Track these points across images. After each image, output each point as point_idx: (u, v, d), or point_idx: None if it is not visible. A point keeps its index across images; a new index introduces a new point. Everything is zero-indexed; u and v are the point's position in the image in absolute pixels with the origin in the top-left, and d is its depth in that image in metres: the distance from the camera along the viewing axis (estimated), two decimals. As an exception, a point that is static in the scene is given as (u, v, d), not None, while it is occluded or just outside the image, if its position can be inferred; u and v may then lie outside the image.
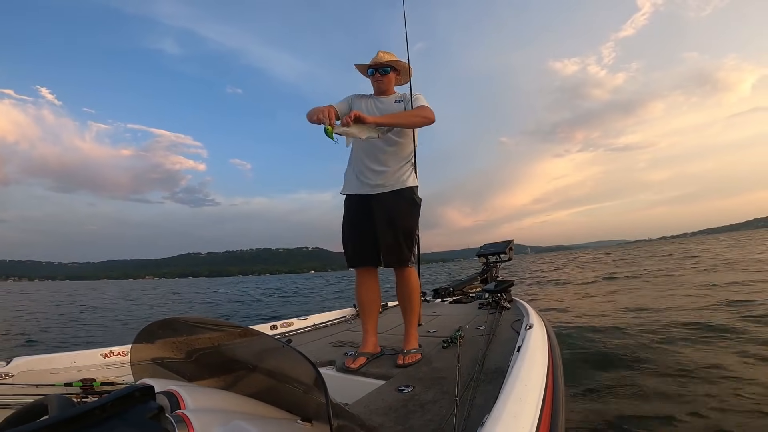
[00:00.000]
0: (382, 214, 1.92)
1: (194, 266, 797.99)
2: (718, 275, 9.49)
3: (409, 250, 1.95)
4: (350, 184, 2.04)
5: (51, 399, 0.58)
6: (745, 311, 5.01)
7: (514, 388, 0.94)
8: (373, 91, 2.11)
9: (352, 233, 2.01)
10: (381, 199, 1.94)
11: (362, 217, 1.97)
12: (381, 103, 2.04)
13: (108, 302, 18.76)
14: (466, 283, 4.98)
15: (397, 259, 1.93)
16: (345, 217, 2.06)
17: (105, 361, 1.86)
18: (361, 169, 1.98)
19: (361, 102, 2.06)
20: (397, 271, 1.98)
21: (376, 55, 2.04)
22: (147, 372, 0.99)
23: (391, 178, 1.95)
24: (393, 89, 2.11)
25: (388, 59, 2.03)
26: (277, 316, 8.67)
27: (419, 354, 1.84)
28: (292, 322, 2.93)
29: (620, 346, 3.88)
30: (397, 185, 1.96)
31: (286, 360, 0.72)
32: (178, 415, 0.59)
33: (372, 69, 2.03)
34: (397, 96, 2.06)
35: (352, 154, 2.08)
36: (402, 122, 1.88)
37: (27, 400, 0.90)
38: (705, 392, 2.63)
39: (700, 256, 18.80)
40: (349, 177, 2.07)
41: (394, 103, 2.02)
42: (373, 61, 2.03)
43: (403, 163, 1.99)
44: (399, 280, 2.00)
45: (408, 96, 2.01)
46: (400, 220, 1.92)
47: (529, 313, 2.28)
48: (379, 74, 2.02)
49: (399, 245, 1.91)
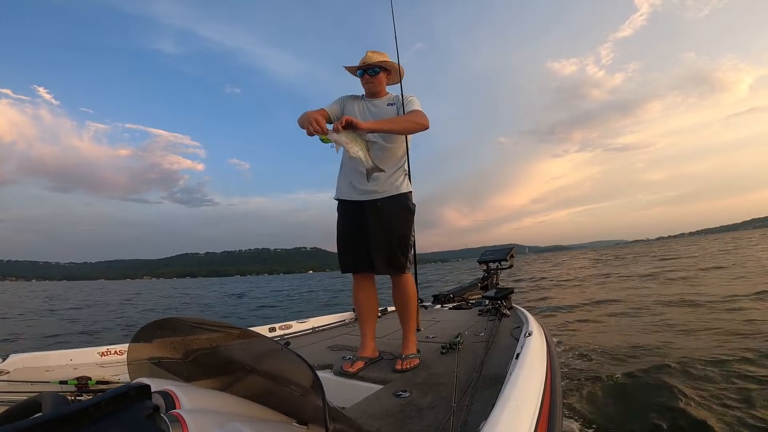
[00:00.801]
0: (376, 221, 1.89)
1: (192, 266, 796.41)
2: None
3: (404, 256, 1.92)
4: (343, 190, 2.00)
5: (45, 396, 0.58)
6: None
7: (512, 395, 0.93)
8: (364, 93, 2.06)
9: (345, 239, 1.99)
10: (375, 205, 1.91)
11: (356, 223, 1.95)
12: (374, 106, 1.99)
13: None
14: (466, 289, 4.97)
15: (393, 265, 1.90)
16: (339, 223, 2.02)
17: (101, 359, 1.85)
18: (354, 174, 1.94)
19: (353, 104, 2.01)
20: (393, 277, 1.96)
21: (365, 55, 1.98)
22: (143, 371, 0.99)
23: (385, 184, 1.92)
24: (385, 90, 2.05)
25: (378, 59, 1.96)
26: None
27: (417, 359, 1.82)
28: (290, 325, 2.93)
29: (619, 354, 3.86)
30: (391, 191, 1.93)
31: (283, 362, 0.71)
32: (173, 415, 0.59)
33: (361, 70, 1.97)
34: (390, 98, 2.02)
35: (344, 159, 2.03)
36: (395, 128, 1.84)
37: (22, 398, 0.90)
38: (706, 397, 2.61)
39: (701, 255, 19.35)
40: (341, 182, 2.02)
41: (386, 106, 1.98)
42: (361, 62, 1.97)
43: (395, 169, 1.96)
44: (395, 287, 1.98)
45: (400, 99, 1.97)
46: (395, 227, 1.90)
47: (529, 320, 2.27)
48: (368, 75, 1.97)
49: (393, 252, 1.88)
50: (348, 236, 1.98)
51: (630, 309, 6.48)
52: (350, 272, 2.01)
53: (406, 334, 1.96)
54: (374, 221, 1.90)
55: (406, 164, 2.03)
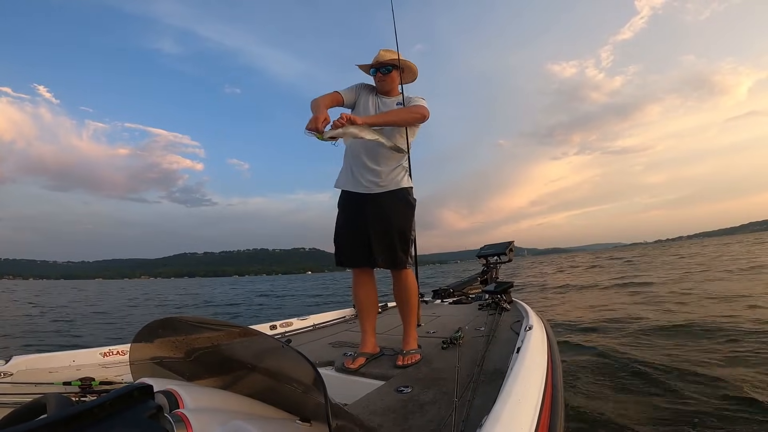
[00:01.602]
0: (376, 215, 1.90)
1: (190, 266, 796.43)
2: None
3: (405, 251, 1.92)
4: (344, 180, 2.02)
5: (49, 398, 0.58)
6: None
7: (514, 390, 0.94)
8: (377, 90, 2.07)
9: (344, 232, 2.00)
10: (376, 198, 1.92)
11: (356, 216, 1.95)
12: (384, 104, 2.01)
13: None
14: (466, 284, 4.98)
15: (393, 260, 1.90)
16: (339, 215, 2.03)
17: (104, 360, 1.85)
18: (356, 167, 1.96)
19: (368, 97, 2.03)
20: (394, 272, 1.96)
21: (378, 53, 2.00)
22: (146, 371, 0.99)
23: (386, 179, 1.93)
24: (397, 90, 2.07)
25: (390, 58, 1.99)
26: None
27: (419, 355, 1.83)
28: (291, 322, 2.93)
29: (620, 347, 3.88)
30: (391, 186, 1.94)
31: (285, 360, 0.72)
32: (177, 415, 0.59)
33: (374, 69, 2.00)
34: (399, 98, 2.03)
35: (347, 151, 2.05)
36: (394, 119, 1.85)
37: (26, 399, 0.90)
38: (706, 392, 2.63)
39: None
40: (344, 173, 2.04)
41: (395, 105, 2.00)
42: (374, 60, 2.00)
43: (396, 164, 1.97)
44: (396, 282, 1.99)
45: (409, 100, 1.99)
46: (395, 221, 1.90)
47: (529, 314, 2.28)
48: (381, 73, 1.99)
49: (393, 246, 1.89)
50: (347, 229, 1.98)
51: (634, 304, 6.49)
52: (345, 266, 2.01)
53: (406, 329, 1.97)
54: (375, 215, 1.90)
55: (407, 161, 2.04)
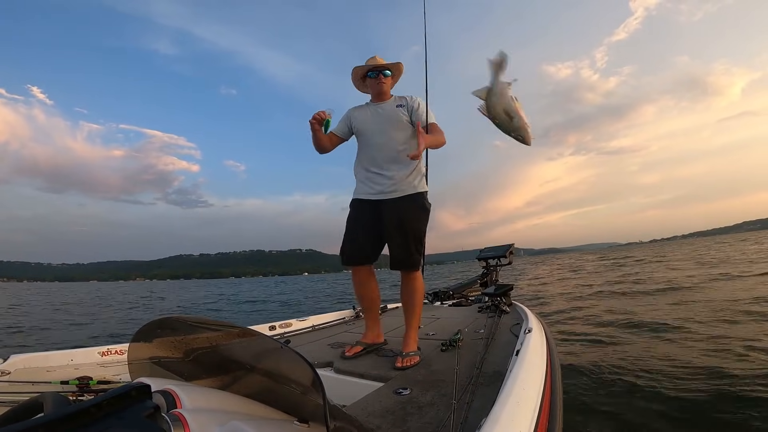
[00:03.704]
0: (392, 219, 1.93)
1: (186, 268, 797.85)
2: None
3: (419, 253, 1.96)
4: (361, 189, 2.05)
5: (46, 397, 0.58)
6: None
7: (512, 392, 0.93)
8: (371, 96, 2.12)
9: (355, 233, 2.02)
10: (392, 203, 1.96)
11: (369, 219, 1.99)
12: (381, 109, 2.05)
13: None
14: (465, 286, 4.97)
15: (408, 262, 1.94)
16: (351, 216, 2.06)
17: (102, 359, 1.85)
18: (371, 173, 2.00)
19: (362, 112, 2.08)
20: (404, 273, 1.99)
21: (374, 58, 2.06)
22: (144, 371, 0.99)
23: (403, 183, 1.96)
24: (389, 93, 2.12)
25: (388, 62, 2.06)
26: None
27: (418, 357, 1.83)
28: (290, 323, 2.93)
29: (618, 351, 3.87)
30: (408, 190, 1.97)
31: (284, 361, 0.72)
32: (175, 415, 0.59)
33: (375, 72, 2.03)
34: (395, 100, 2.07)
35: (360, 156, 2.08)
36: (440, 143, 1.93)
37: (23, 398, 0.90)
38: (704, 394, 2.62)
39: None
40: (360, 180, 2.07)
41: (395, 107, 2.03)
42: (372, 63, 2.05)
43: (413, 169, 1.99)
44: (405, 283, 2.00)
45: (408, 100, 2.03)
46: (411, 225, 1.93)
47: (529, 317, 2.28)
48: (382, 76, 2.03)
49: (409, 249, 1.92)
50: (359, 230, 2.01)
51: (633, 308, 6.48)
52: (352, 265, 2.04)
53: (408, 330, 1.97)
54: (391, 219, 1.93)
55: (425, 166, 2.08)
